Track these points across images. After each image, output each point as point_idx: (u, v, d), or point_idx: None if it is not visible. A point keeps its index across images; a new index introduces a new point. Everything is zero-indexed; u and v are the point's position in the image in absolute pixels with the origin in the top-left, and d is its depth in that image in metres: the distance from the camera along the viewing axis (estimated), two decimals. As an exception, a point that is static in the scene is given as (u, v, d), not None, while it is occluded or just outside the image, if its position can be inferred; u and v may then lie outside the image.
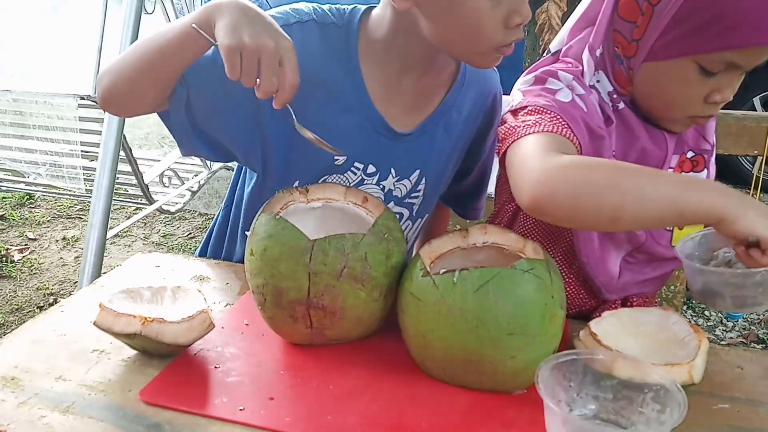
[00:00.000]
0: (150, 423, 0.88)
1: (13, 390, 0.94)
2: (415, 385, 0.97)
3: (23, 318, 2.95)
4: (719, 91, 1.04)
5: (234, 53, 0.96)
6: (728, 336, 2.84)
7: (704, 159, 1.19)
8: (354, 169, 1.23)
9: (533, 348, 0.92)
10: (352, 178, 1.23)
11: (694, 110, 1.07)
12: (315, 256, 0.97)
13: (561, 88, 1.11)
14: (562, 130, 1.03)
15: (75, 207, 4.13)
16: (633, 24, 1.07)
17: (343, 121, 1.19)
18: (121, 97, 1.14)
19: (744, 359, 1.06)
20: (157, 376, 0.97)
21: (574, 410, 0.88)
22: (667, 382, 0.83)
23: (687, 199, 0.89)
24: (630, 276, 1.24)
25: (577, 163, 0.95)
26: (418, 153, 1.25)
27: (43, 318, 1.13)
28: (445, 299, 0.92)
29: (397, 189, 1.27)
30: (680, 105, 1.08)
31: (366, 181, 1.25)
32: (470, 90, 1.28)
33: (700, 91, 1.04)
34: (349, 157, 1.21)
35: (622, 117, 1.13)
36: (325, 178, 1.23)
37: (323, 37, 1.17)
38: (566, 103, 1.08)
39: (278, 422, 0.88)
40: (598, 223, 0.97)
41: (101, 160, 2.33)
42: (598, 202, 0.92)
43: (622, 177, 0.93)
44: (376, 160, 1.23)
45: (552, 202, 0.94)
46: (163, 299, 1.08)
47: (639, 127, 1.13)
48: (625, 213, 0.91)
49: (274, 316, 1.03)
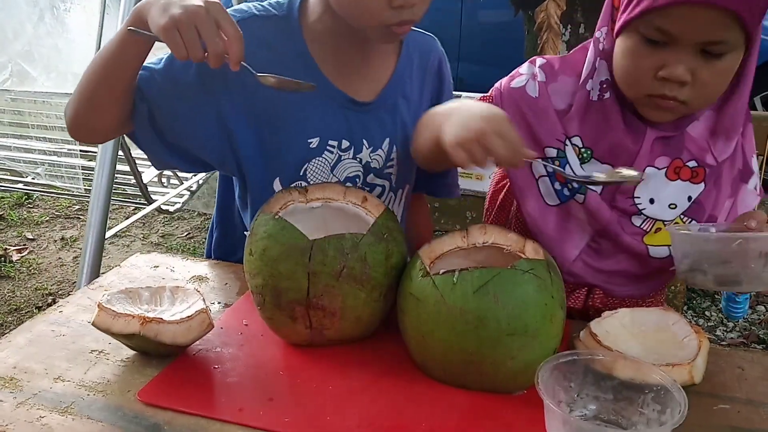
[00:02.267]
0: (149, 423, 0.88)
1: (11, 390, 0.94)
2: (415, 386, 0.97)
3: (22, 318, 2.94)
4: (666, 66, 1.03)
5: (171, 32, 0.96)
6: (729, 336, 2.84)
7: (704, 172, 1.16)
8: (329, 149, 1.25)
9: (533, 348, 0.91)
10: (331, 158, 1.25)
11: (647, 86, 1.07)
12: (314, 256, 0.97)
13: (523, 73, 1.22)
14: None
15: (73, 207, 4.13)
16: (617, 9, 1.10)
17: (307, 105, 1.21)
18: (85, 118, 1.16)
19: (744, 360, 1.06)
20: (156, 377, 0.97)
21: (575, 411, 0.88)
22: (668, 382, 0.83)
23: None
24: (591, 261, 1.23)
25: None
26: (385, 122, 1.29)
27: (42, 318, 1.13)
28: (444, 299, 0.91)
29: (374, 160, 1.30)
30: (633, 80, 1.09)
31: (344, 158, 1.27)
32: (416, 58, 1.33)
33: (647, 63, 1.05)
34: (322, 137, 1.23)
35: (603, 107, 1.15)
36: (306, 167, 1.24)
37: (267, 29, 1.19)
38: (515, 88, 1.20)
39: (277, 423, 0.88)
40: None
41: (100, 159, 2.32)
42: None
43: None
44: (347, 134, 1.25)
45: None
46: (162, 299, 1.08)
47: (616, 120, 1.14)
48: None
49: (274, 316, 1.02)
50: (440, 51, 1.40)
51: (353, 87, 1.24)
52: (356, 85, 1.25)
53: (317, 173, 1.25)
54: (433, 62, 1.37)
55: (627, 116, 1.14)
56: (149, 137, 1.19)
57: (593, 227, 1.20)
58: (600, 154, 1.16)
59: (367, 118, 1.26)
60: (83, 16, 2.82)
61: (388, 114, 1.29)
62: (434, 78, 1.38)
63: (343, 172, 1.27)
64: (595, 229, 1.20)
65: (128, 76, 1.11)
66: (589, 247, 1.22)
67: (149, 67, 1.16)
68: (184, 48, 0.97)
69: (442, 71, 1.39)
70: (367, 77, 1.27)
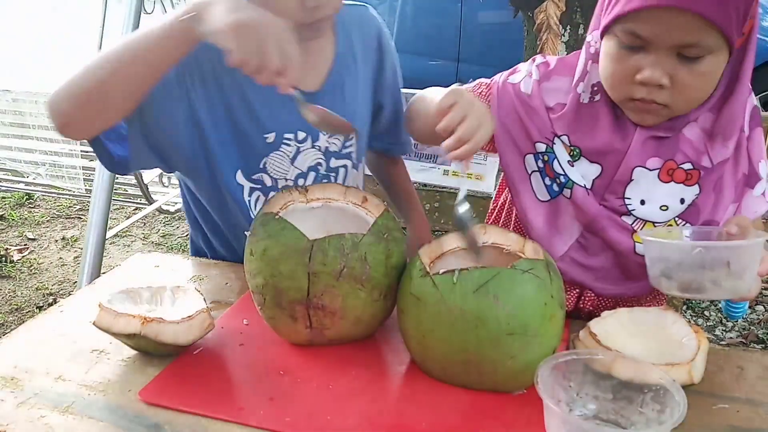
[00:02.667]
0: (150, 423, 0.88)
1: (12, 390, 0.94)
2: (415, 386, 0.97)
3: (23, 318, 2.94)
4: (641, 70, 1.04)
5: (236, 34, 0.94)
6: (728, 336, 2.84)
7: (699, 174, 1.15)
8: (286, 142, 1.27)
9: (533, 348, 0.92)
10: (289, 150, 1.28)
11: (626, 90, 1.08)
12: (314, 256, 0.97)
13: (521, 70, 1.25)
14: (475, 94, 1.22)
15: (74, 207, 4.13)
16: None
17: (258, 102, 1.23)
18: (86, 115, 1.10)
19: (744, 359, 1.06)
20: (156, 376, 0.97)
21: (574, 410, 0.88)
22: (667, 382, 0.83)
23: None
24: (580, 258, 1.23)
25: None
26: (336, 107, 1.25)
27: (43, 318, 1.13)
28: (444, 299, 0.92)
29: (332, 144, 1.32)
30: (611, 83, 1.10)
31: (302, 149, 1.29)
32: (353, 33, 1.34)
33: (623, 67, 1.06)
34: (277, 132, 1.25)
35: (593, 109, 1.16)
36: (265, 162, 1.27)
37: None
38: (512, 84, 1.23)
39: (278, 422, 0.88)
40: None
41: (100, 159, 2.32)
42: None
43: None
44: (302, 125, 1.26)
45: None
46: (163, 299, 1.08)
47: (605, 121, 1.15)
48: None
49: (274, 316, 1.03)
50: (377, 22, 1.40)
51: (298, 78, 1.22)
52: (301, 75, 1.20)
53: (277, 166, 1.28)
54: (370, 32, 1.37)
55: (617, 117, 1.15)
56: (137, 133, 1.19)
57: (581, 221, 1.21)
58: (588, 153, 1.17)
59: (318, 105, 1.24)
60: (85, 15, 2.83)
61: (337, 98, 1.30)
62: (375, 50, 1.39)
63: (305, 162, 1.30)
64: (582, 224, 1.21)
65: (165, 70, 1.08)
66: (578, 243, 1.23)
67: None
68: (243, 54, 0.95)
69: (382, 43, 1.39)
70: (311, 66, 1.27)
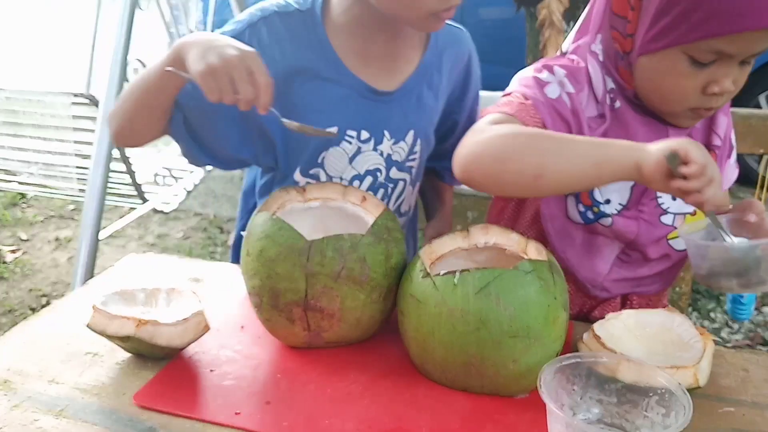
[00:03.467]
0: (144, 427, 0.87)
1: (5, 393, 0.92)
2: (415, 389, 0.96)
3: (15, 320, 2.92)
4: (717, 82, 1.03)
5: (207, 78, 1.02)
6: (734, 338, 2.83)
7: (715, 155, 1.18)
8: (348, 138, 1.25)
9: (536, 351, 0.90)
10: (349, 148, 1.26)
11: (693, 102, 1.07)
12: (312, 257, 0.96)
13: (551, 82, 1.13)
14: (525, 119, 1.08)
15: (68, 207, 4.11)
16: (625, 19, 1.08)
17: (326, 95, 1.24)
18: (128, 134, 1.24)
19: (750, 362, 1.06)
20: (151, 380, 0.96)
21: (578, 414, 0.87)
22: (672, 385, 0.82)
23: (604, 152, 0.97)
24: (624, 273, 1.22)
25: (503, 132, 1.02)
26: (408, 113, 1.29)
27: (36, 320, 1.12)
28: (445, 301, 0.90)
29: (395, 153, 1.30)
30: (677, 98, 1.08)
31: (363, 149, 1.27)
32: (446, 51, 1.33)
33: (694, 82, 1.04)
34: (341, 127, 1.24)
35: (618, 115, 1.14)
36: (324, 156, 1.25)
37: (289, 25, 1.22)
38: (552, 99, 1.12)
39: (275, 426, 0.87)
40: (523, 183, 1.02)
41: (95, 158, 2.31)
42: (520, 164, 0.99)
43: (542, 140, 1.00)
44: (367, 124, 1.26)
45: (478, 167, 1.02)
46: (158, 301, 1.07)
47: (636, 125, 1.13)
48: (546, 170, 0.98)
49: (271, 318, 1.01)
50: (470, 45, 1.40)
51: (375, 77, 1.25)
52: (378, 75, 1.26)
53: (335, 162, 1.26)
54: (462, 55, 1.37)
55: (644, 120, 1.14)
56: (186, 142, 1.25)
57: (621, 241, 1.19)
58: None
59: (389, 108, 1.27)
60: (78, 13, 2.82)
61: (411, 104, 1.29)
62: (462, 71, 1.38)
63: (363, 165, 1.28)
64: (623, 243, 1.20)
65: (165, 105, 1.18)
66: (620, 260, 1.21)
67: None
68: (218, 93, 1.03)
69: (471, 66, 1.40)
70: (391, 68, 1.28)
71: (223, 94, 1.03)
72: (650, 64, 1.07)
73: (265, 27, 1.21)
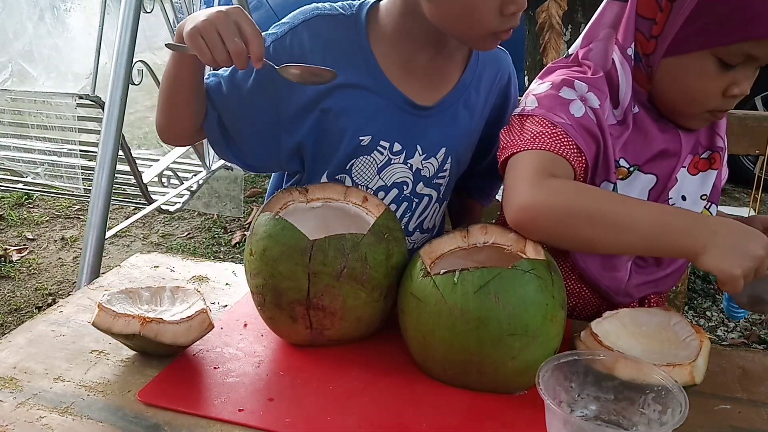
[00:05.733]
0: (149, 424, 0.88)
1: (11, 390, 0.94)
2: (416, 386, 0.97)
3: (22, 318, 2.94)
4: (737, 85, 1.05)
5: (196, 38, 1.02)
6: (730, 336, 2.83)
7: (720, 156, 1.20)
8: (380, 149, 1.24)
9: (534, 348, 0.91)
10: (379, 158, 1.25)
11: (713, 104, 1.08)
12: (314, 257, 0.97)
13: (574, 99, 1.10)
14: (562, 150, 1.05)
15: (74, 207, 4.12)
16: (652, 21, 1.08)
17: (363, 103, 1.22)
18: (166, 127, 1.24)
19: (745, 360, 1.06)
20: (156, 377, 0.97)
21: (575, 411, 0.88)
22: (669, 382, 0.83)
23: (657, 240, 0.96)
24: (642, 278, 1.23)
25: (561, 192, 1.00)
26: (442, 129, 1.27)
27: (42, 318, 1.13)
28: (445, 300, 0.91)
29: (425, 168, 1.28)
30: (700, 99, 1.09)
31: (393, 161, 1.26)
32: (485, 71, 1.32)
33: (718, 84, 1.06)
34: (374, 136, 1.23)
35: (636, 121, 1.14)
36: (353, 163, 1.24)
37: (331, 28, 1.22)
38: (578, 118, 1.08)
39: (277, 423, 0.88)
40: (574, 247, 1.11)
41: (100, 159, 2.32)
42: (575, 234, 1.00)
43: (602, 214, 0.98)
44: (401, 137, 1.25)
45: (534, 227, 1.01)
46: (162, 300, 1.08)
47: (653, 129, 1.14)
48: (599, 245, 1.01)
49: (274, 316, 1.02)
50: (510, 67, 1.38)
51: (415, 91, 1.24)
52: (418, 89, 1.24)
53: (363, 171, 1.25)
54: (502, 77, 1.36)
55: (659, 124, 1.14)
56: (220, 142, 1.26)
57: None
58: (644, 166, 1.15)
59: (425, 123, 1.25)
60: (83, 15, 2.82)
61: (447, 121, 1.27)
62: (500, 93, 1.36)
63: (391, 177, 1.26)
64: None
65: (188, 89, 1.17)
66: (636, 265, 1.22)
67: (218, 74, 1.23)
68: (208, 51, 1.02)
69: (509, 88, 1.38)
70: (431, 83, 1.26)
71: (215, 52, 1.02)
72: (676, 66, 1.08)
73: (306, 31, 1.20)
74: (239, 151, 1.27)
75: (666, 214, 0.99)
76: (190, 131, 1.24)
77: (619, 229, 0.97)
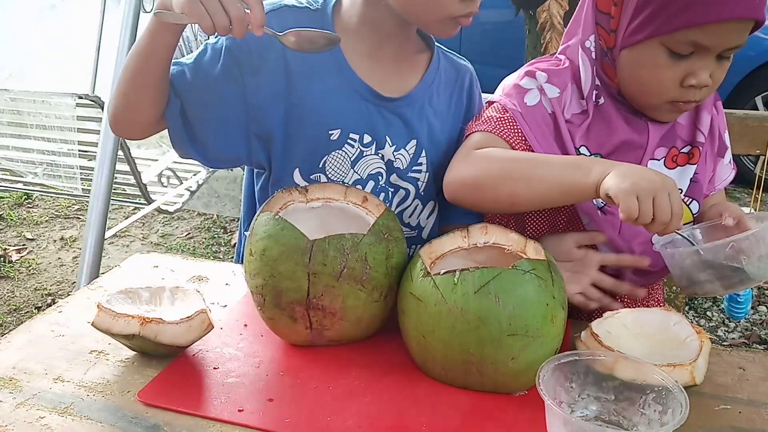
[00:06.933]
0: (148, 424, 0.87)
1: (11, 391, 0.93)
2: (416, 386, 0.97)
3: (21, 318, 2.94)
4: (694, 75, 1.07)
5: (194, 3, 0.98)
6: (730, 337, 2.83)
7: (699, 151, 1.21)
8: (351, 141, 1.25)
9: (534, 349, 0.91)
10: (351, 151, 1.25)
11: (671, 95, 1.10)
12: (314, 257, 0.97)
13: (531, 89, 1.19)
14: (504, 134, 1.17)
15: (73, 207, 4.12)
16: (608, 15, 1.12)
17: (330, 96, 1.23)
18: (122, 114, 1.19)
19: (746, 360, 1.06)
20: (155, 377, 0.97)
21: (576, 411, 0.88)
22: (669, 383, 0.83)
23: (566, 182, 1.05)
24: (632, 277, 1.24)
25: (480, 159, 1.14)
26: (410, 121, 1.28)
27: (41, 319, 1.13)
28: (445, 300, 0.91)
29: (397, 160, 1.29)
30: (656, 90, 1.11)
31: (365, 153, 1.26)
32: (445, 72, 1.34)
33: (672, 74, 1.08)
34: (343, 129, 1.24)
35: (601, 112, 1.17)
36: (325, 159, 1.24)
37: (298, 21, 1.19)
38: (531, 107, 1.17)
39: (277, 423, 0.88)
40: (501, 208, 1.21)
41: (99, 159, 2.32)
42: (495, 192, 1.12)
43: (514, 167, 1.11)
44: (370, 128, 1.25)
45: (462, 194, 1.17)
46: (162, 300, 1.08)
47: (618, 121, 1.17)
48: (518, 198, 1.10)
49: (274, 316, 1.02)
50: (472, 72, 1.40)
51: (381, 82, 1.25)
52: (384, 81, 1.26)
53: (337, 167, 1.25)
54: (463, 79, 1.37)
55: (626, 116, 1.17)
56: (180, 132, 1.21)
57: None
58: (608, 156, 1.17)
59: (391, 114, 1.26)
60: (83, 14, 2.83)
61: (414, 114, 1.28)
62: (464, 95, 1.37)
63: (365, 169, 1.27)
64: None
65: (160, 67, 1.12)
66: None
67: (180, 62, 1.20)
68: (209, 17, 0.98)
69: (473, 90, 1.39)
70: (397, 75, 1.28)
71: (214, 16, 0.98)
72: (631, 57, 1.11)
73: (274, 19, 1.18)
74: (200, 144, 1.23)
75: (572, 160, 1.10)
76: (151, 119, 1.19)
77: (531, 180, 1.08)
